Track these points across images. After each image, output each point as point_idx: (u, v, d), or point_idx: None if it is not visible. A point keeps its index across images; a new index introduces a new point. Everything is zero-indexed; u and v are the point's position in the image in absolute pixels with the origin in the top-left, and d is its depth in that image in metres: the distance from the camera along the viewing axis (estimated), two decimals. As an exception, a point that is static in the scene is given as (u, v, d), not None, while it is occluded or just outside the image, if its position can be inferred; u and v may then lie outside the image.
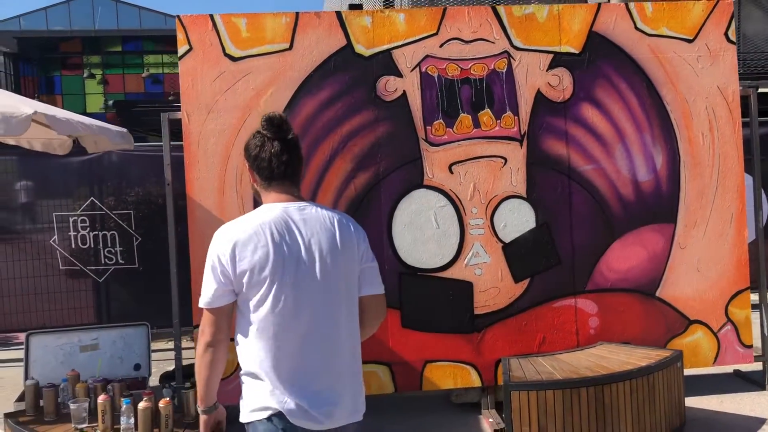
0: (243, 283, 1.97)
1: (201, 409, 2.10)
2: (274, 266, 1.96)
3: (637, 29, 4.42)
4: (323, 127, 4.24)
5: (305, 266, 2.01)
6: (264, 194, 2.13)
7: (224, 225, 2.07)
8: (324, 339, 2.03)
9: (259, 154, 2.08)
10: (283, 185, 2.09)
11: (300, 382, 1.99)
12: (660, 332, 4.46)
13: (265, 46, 4.20)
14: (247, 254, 1.96)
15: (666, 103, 4.44)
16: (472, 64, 4.32)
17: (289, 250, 2.00)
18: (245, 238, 1.98)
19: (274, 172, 2.07)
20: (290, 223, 2.03)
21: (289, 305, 1.98)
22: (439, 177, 4.30)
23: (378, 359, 4.28)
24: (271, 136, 2.08)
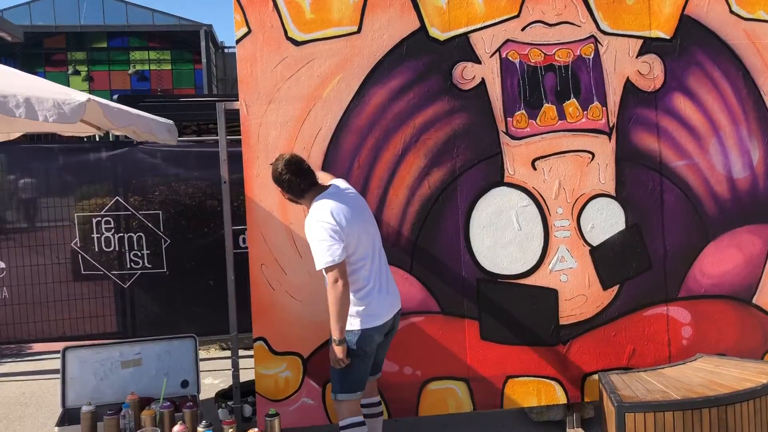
0: (346, 238, 3.14)
1: (339, 339, 3.16)
2: (355, 222, 3.21)
3: (732, 12, 4.06)
4: (394, 119, 3.84)
5: (366, 221, 3.34)
6: (308, 198, 3.32)
7: (316, 208, 3.22)
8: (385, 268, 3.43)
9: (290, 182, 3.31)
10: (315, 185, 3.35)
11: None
12: (757, 342, 4.11)
13: (332, 29, 3.79)
14: (342, 218, 3.15)
15: (763, 94, 4.08)
16: (557, 49, 3.93)
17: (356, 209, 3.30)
18: (336, 209, 3.19)
19: (304, 183, 3.31)
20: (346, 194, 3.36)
21: (369, 247, 3.29)
22: (520, 173, 3.91)
23: (455, 375, 3.90)
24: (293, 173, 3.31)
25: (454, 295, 3.88)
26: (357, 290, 3.20)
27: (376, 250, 3.30)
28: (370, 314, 3.21)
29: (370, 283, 3.22)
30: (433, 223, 3.86)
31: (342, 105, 3.80)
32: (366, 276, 3.22)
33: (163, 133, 3.93)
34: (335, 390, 3.30)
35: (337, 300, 3.07)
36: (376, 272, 3.26)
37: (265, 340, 3.79)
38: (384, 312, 3.28)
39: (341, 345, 3.16)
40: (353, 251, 3.16)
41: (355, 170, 3.81)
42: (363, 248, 3.21)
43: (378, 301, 3.24)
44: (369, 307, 3.21)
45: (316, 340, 3.79)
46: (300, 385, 3.81)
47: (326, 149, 3.79)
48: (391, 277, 3.40)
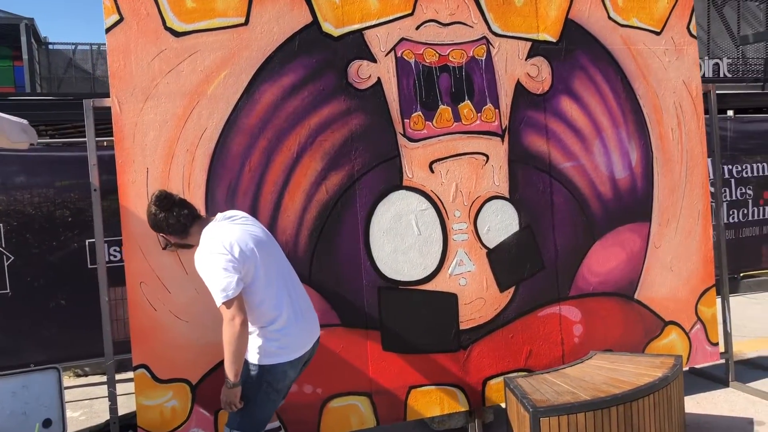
0: (243, 270, 2.78)
1: (233, 382, 2.75)
2: (255, 253, 2.85)
3: (610, 19, 4.21)
4: (288, 118, 3.56)
5: (267, 251, 2.95)
6: (194, 234, 2.99)
7: (210, 239, 2.87)
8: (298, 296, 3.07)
9: (167, 220, 2.96)
10: (201, 222, 3.01)
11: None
12: (639, 336, 4.29)
13: (216, 19, 3.44)
14: (242, 247, 2.81)
15: (639, 97, 4.27)
16: (451, 49, 3.85)
17: (255, 241, 2.91)
18: (235, 238, 2.84)
19: (188, 223, 2.99)
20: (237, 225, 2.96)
21: (270, 278, 2.90)
22: (419, 176, 3.78)
23: (357, 390, 3.68)
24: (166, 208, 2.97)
25: (354, 305, 3.67)
26: (267, 322, 2.86)
27: (284, 273, 3.00)
28: (284, 347, 2.87)
29: (282, 313, 2.87)
30: (332, 229, 3.62)
31: (230, 103, 3.46)
32: (275, 305, 2.87)
33: (17, 134, 3.35)
34: (232, 425, 2.92)
35: (233, 339, 2.69)
36: (286, 299, 2.92)
37: (147, 368, 3.36)
38: (300, 343, 2.95)
39: (235, 388, 2.79)
40: (254, 279, 2.82)
41: (246, 174, 3.48)
42: (266, 274, 2.87)
43: (293, 332, 2.90)
44: (283, 339, 2.86)
45: (206, 364, 3.42)
46: (189, 414, 3.42)
47: (212, 151, 3.43)
48: (307, 302, 3.09)
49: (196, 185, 3.41)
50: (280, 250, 3.08)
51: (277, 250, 3.05)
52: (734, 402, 4.29)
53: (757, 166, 7.51)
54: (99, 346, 5.13)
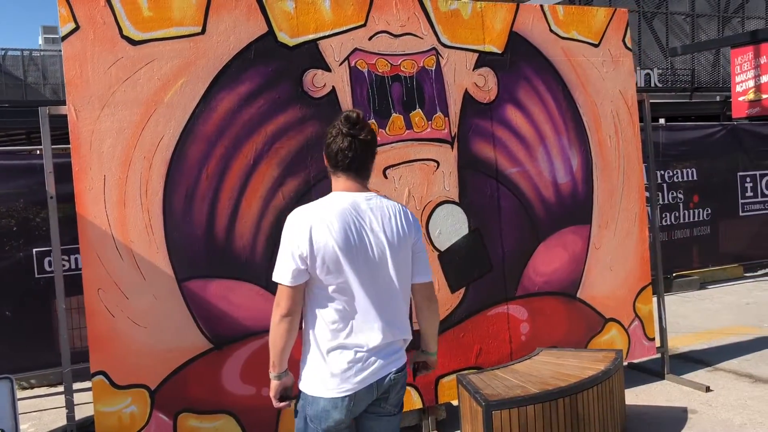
0: (316, 263, 2.18)
1: (274, 374, 2.31)
2: (346, 248, 2.19)
3: (551, 31, 4.43)
4: (244, 126, 3.63)
5: (372, 249, 2.24)
6: (333, 180, 2.34)
7: (298, 210, 2.27)
8: (385, 313, 2.27)
9: (331, 144, 2.30)
10: (348, 176, 2.31)
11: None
12: (581, 333, 4.51)
13: (173, 28, 3.49)
14: (321, 237, 2.17)
15: (579, 106, 4.50)
16: (402, 60, 3.99)
17: (358, 234, 2.22)
18: (320, 222, 2.19)
19: (339, 164, 2.29)
20: (359, 211, 2.25)
21: (358, 283, 2.21)
22: (373, 182, 3.82)
23: (314, 391, 3.75)
24: (345, 132, 2.26)
25: (311, 308, 3.75)
26: (322, 333, 2.23)
27: (378, 291, 2.24)
28: (329, 377, 2.21)
29: (343, 329, 2.22)
30: (288, 235, 3.70)
31: (187, 110, 3.51)
32: (343, 316, 2.22)
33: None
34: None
35: (272, 327, 2.25)
36: (363, 319, 2.22)
37: (105, 374, 3.36)
38: (354, 378, 2.21)
39: (274, 380, 2.31)
40: (325, 280, 2.20)
41: (203, 181, 3.54)
42: (347, 282, 2.20)
43: (345, 361, 2.20)
44: (328, 364, 2.22)
45: (165, 370, 3.45)
46: (148, 419, 3.44)
47: (170, 158, 3.47)
48: (398, 330, 2.33)
49: (153, 192, 3.44)
50: (400, 261, 2.29)
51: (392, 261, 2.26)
52: (670, 393, 4.56)
53: (687, 171, 7.93)
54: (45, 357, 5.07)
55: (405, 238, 2.31)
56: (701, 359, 5.26)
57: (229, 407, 3.60)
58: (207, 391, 3.55)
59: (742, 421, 4.03)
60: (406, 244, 2.31)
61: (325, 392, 2.23)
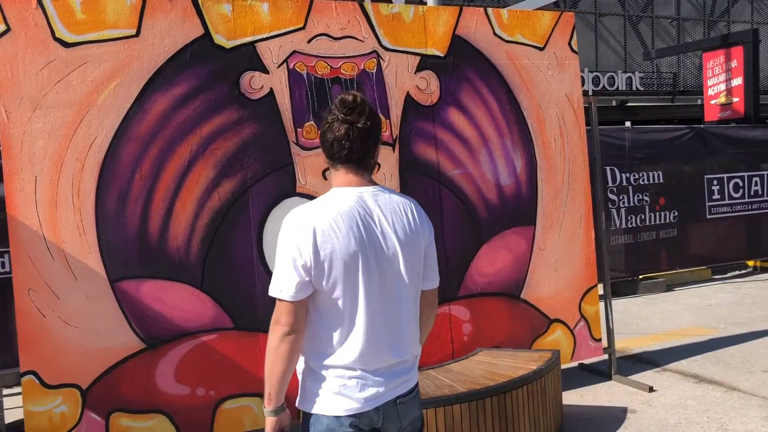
0: (323, 273, 1.88)
1: (269, 409, 1.93)
2: (354, 254, 1.89)
3: (495, 35, 4.48)
4: (179, 127, 3.66)
5: (384, 253, 1.95)
6: (333, 174, 2.02)
7: (297, 211, 1.95)
8: (394, 327, 1.97)
9: (326, 133, 1.97)
10: (349, 169, 1.98)
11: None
12: (525, 333, 4.54)
13: (107, 31, 3.51)
14: (328, 242, 1.87)
15: (523, 109, 4.54)
16: (342, 62, 4.03)
17: (368, 236, 1.92)
18: (325, 225, 1.88)
19: (335, 155, 1.97)
20: (367, 208, 1.95)
21: (367, 293, 1.92)
22: (312, 184, 3.94)
23: (250, 392, 3.78)
24: (340, 118, 1.94)
25: (248, 309, 3.78)
26: (324, 351, 1.94)
27: (387, 299, 1.96)
28: (332, 393, 1.93)
29: (350, 346, 1.93)
30: (225, 235, 3.73)
31: (120, 112, 3.54)
32: (348, 330, 1.93)
33: None
34: None
35: (269, 349, 1.91)
36: (372, 331, 1.93)
37: (35, 374, 3.39)
38: (359, 396, 1.93)
39: (270, 417, 1.94)
40: (332, 289, 1.91)
41: (137, 181, 3.57)
42: (356, 290, 1.92)
43: (355, 377, 1.94)
44: (329, 381, 1.93)
45: (97, 369, 3.48)
46: (79, 419, 3.46)
47: (103, 159, 3.50)
48: (406, 346, 2.01)
49: (86, 192, 3.47)
50: (412, 264, 2.00)
51: (403, 263, 1.98)
52: (613, 393, 4.60)
53: (653, 174, 7.99)
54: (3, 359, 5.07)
55: (418, 238, 2.01)
56: (652, 360, 5.30)
57: (162, 407, 3.62)
58: (140, 391, 3.58)
59: (678, 420, 4.07)
60: (418, 245, 2.02)
61: (329, 410, 1.92)
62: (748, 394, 4.44)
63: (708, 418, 4.08)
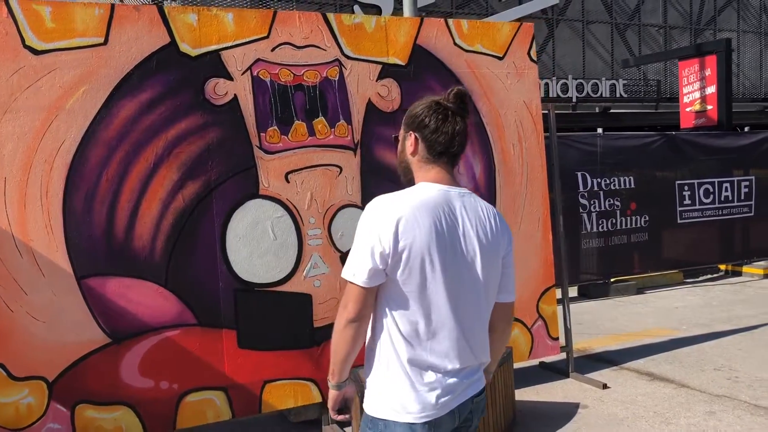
0: (400, 263, 1.87)
1: (333, 383, 2.01)
2: (433, 249, 1.88)
3: (455, 45, 4.66)
4: (145, 132, 3.82)
5: (462, 254, 1.94)
6: (422, 168, 2.01)
7: (382, 199, 1.93)
8: (468, 329, 1.96)
9: (441, 127, 1.96)
10: (447, 165, 2.01)
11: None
12: (484, 332, 4.71)
13: (75, 39, 3.68)
14: (409, 233, 1.86)
15: (482, 116, 4.72)
16: (305, 70, 4.20)
17: (449, 234, 1.92)
18: (409, 215, 1.88)
19: (449, 149, 1.98)
20: (452, 207, 1.95)
21: (442, 291, 1.91)
22: (275, 186, 4.10)
23: (212, 385, 3.94)
24: (456, 112, 1.97)
25: (211, 306, 3.94)
26: (397, 347, 1.93)
27: (462, 302, 1.95)
28: (405, 398, 1.91)
29: (421, 344, 1.92)
30: (189, 235, 3.89)
31: (88, 117, 3.70)
32: (422, 329, 1.92)
33: None
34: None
35: (335, 331, 1.95)
36: (445, 334, 1.93)
37: (2, 366, 3.54)
38: (434, 401, 1.92)
39: (333, 390, 2.02)
40: (407, 280, 1.90)
41: (104, 183, 3.72)
42: (431, 287, 1.91)
43: (428, 381, 1.92)
44: (404, 384, 1.91)
45: (63, 363, 3.63)
46: (45, 410, 3.61)
47: (71, 162, 3.66)
48: (479, 351, 2.02)
49: (54, 194, 3.62)
50: (490, 271, 2.00)
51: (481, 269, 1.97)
52: (569, 390, 4.77)
53: (624, 179, 8.18)
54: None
55: (498, 245, 2.01)
56: (612, 359, 5.48)
57: (127, 399, 3.77)
58: (105, 384, 3.73)
59: (625, 415, 4.24)
60: (498, 253, 2.01)
61: (403, 416, 1.89)
62: (696, 390, 4.62)
63: (654, 413, 4.25)
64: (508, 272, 2.09)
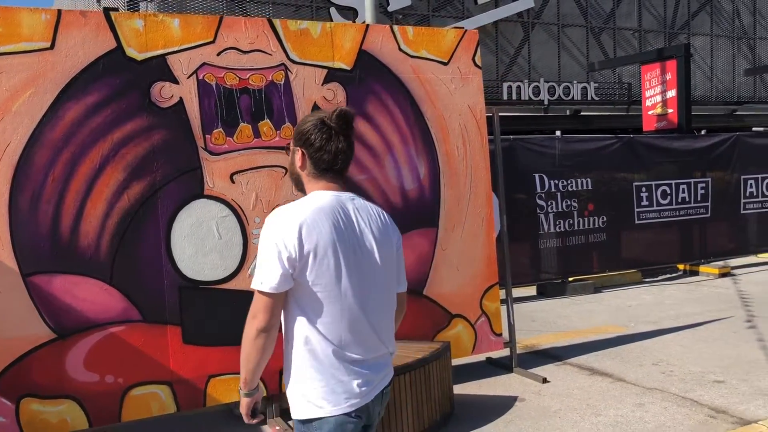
0: (308, 264, 1.99)
1: (245, 392, 2.10)
2: (337, 248, 2.02)
3: (401, 50, 4.81)
4: (91, 134, 3.94)
5: (363, 251, 2.08)
6: (311, 181, 2.14)
7: (281, 210, 2.05)
8: (378, 319, 2.11)
9: (324, 146, 2.09)
10: (335, 177, 2.14)
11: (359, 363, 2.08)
12: (428, 327, 4.87)
13: (22, 43, 3.79)
14: (313, 237, 1.99)
15: (427, 119, 4.88)
16: (251, 74, 4.34)
17: (349, 233, 2.06)
18: (310, 220, 2.00)
19: (334, 166, 2.11)
20: (346, 209, 2.10)
21: (349, 286, 2.04)
22: (220, 186, 4.24)
23: (157, 379, 4.07)
24: (338, 131, 2.10)
25: (155, 303, 4.06)
26: (314, 345, 2.03)
27: (366, 296, 2.08)
28: (331, 392, 2.02)
29: (337, 340, 2.03)
30: (134, 234, 4.02)
31: (34, 119, 3.81)
32: (335, 326, 2.03)
33: None
34: None
35: (244, 341, 2.03)
36: (353, 328, 2.05)
37: (-52, 361, 3.65)
38: (356, 392, 2.04)
39: (245, 398, 2.11)
40: (316, 281, 2.01)
41: (50, 184, 3.84)
42: (338, 285, 2.03)
43: (347, 374, 2.04)
44: (328, 379, 2.03)
45: (8, 357, 3.73)
46: (0, 402, 3.73)
47: (17, 162, 3.77)
48: (386, 342, 2.17)
49: (0, 193, 3.74)
50: (387, 265, 2.16)
51: (379, 264, 2.12)
52: (510, 384, 4.94)
53: (582, 180, 8.38)
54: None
55: (391, 240, 2.17)
56: (557, 355, 5.66)
57: (72, 392, 3.89)
58: (50, 378, 3.84)
59: (559, 407, 4.42)
60: (392, 247, 2.17)
61: (331, 410, 2.01)
62: (631, 384, 4.81)
63: (587, 405, 4.43)
64: (401, 263, 2.26)
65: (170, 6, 13.51)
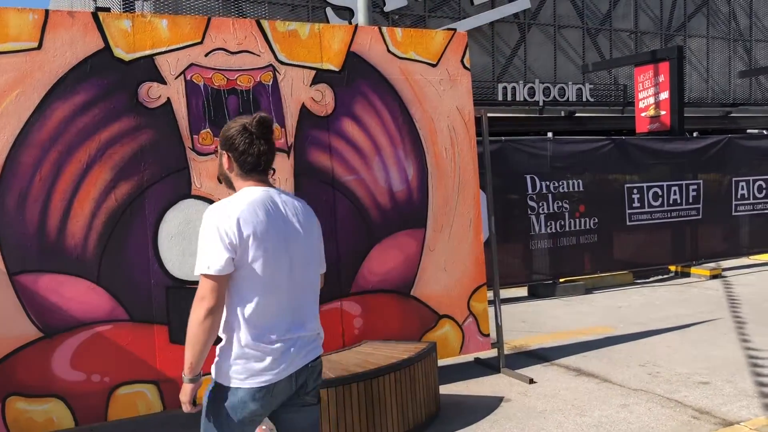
0: (248, 250, 2.23)
1: (189, 377, 2.29)
2: (271, 235, 2.28)
3: (389, 52, 4.84)
4: (79, 134, 3.96)
5: (292, 238, 2.35)
6: (239, 180, 2.40)
7: (218, 204, 2.31)
8: (304, 300, 2.41)
9: (248, 150, 2.34)
10: (260, 175, 2.40)
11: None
12: (415, 327, 4.90)
13: (9, 43, 3.81)
14: (249, 224, 2.24)
15: (415, 121, 4.91)
16: (239, 75, 4.36)
17: (279, 222, 2.32)
18: (246, 210, 2.26)
19: (258, 167, 2.37)
20: (275, 201, 2.36)
21: (281, 270, 2.30)
22: (207, 187, 4.25)
23: (144, 378, 4.09)
24: (259, 136, 2.35)
25: (142, 302, 4.08)
26: (242, 323, 2.26)
27: (295, 279, 2.35)
28: (248, 367, 2.26)
29: (264, 320, 2.27)
30: (121, 234, 4.03)
31: (21, 119, 3.83)
32: (264, 307, 2.27)
33: None
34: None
35: (192, 323, 2.22)
36: (284, 308, 2.32)
37: (-66, 359, 3.66)
38: (273, 368, 2.27)
39: (188, 384, 2.30)
40: (253, 264, 2.25)
41: (37, 183, 3.86)
42: (272, 269, 2.28)
43: (268, 351, 2.26)
44: (246, 355, 2.26)
45: (-6, 354, 3.76)
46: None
47: (3, 162, 3.79)
48: (312, 322, 2.44)
49: (-12, 194, 3.75)
50: (311, 252, 2.46)
51: (306, 249, 2.42)
52: (497, 384, 4.97)
53: (573, 182, 8.41)
54: None
55: (312, 227, 2.47)
56: (545, 355, 5.68)
57: (58, 391, 3.91)
58: (36, 377, 3.86)
59: (544, 408, 4.44)
60: (313, 234, 2.47)
61: (243, 383, 2.25)
62: (617, 385, 4.83)
63: (572, 406, 4.46)
64: (322, 247, 2.58)
65: (166, 5, 13.53)
